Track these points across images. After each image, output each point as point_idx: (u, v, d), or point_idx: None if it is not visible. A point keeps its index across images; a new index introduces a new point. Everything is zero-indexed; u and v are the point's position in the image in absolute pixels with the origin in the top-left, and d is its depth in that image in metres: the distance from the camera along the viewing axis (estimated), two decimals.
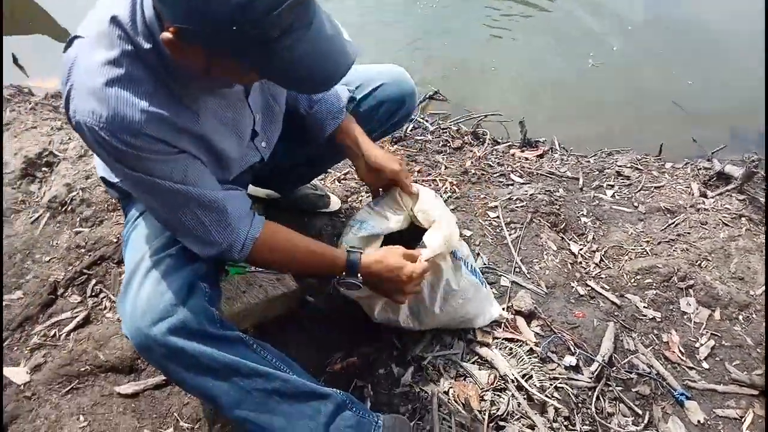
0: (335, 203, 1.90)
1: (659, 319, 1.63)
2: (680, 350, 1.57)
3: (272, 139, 1.29)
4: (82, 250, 1.69)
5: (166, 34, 0.78)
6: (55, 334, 1.51)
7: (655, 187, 2.20)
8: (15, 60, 3.23)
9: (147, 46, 0.86)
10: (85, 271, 1.63)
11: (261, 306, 1.44)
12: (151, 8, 0.84)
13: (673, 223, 1.97)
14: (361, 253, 1.20)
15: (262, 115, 1.20)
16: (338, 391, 1.17)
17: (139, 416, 1.37)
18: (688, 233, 1.91)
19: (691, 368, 1.54)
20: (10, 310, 1.57)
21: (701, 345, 1.59)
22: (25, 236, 1.76)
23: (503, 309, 1.57)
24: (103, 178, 1.28)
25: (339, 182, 2.10)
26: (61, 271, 1.64)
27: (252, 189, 1.86)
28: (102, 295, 1.61)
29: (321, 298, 1.60)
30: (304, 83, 0.87)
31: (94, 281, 1.62)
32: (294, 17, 0.76)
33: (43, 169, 1.94)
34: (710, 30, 3.82)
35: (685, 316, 1.65)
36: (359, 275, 1.18)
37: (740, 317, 1.66)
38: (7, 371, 1.44)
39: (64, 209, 1.80)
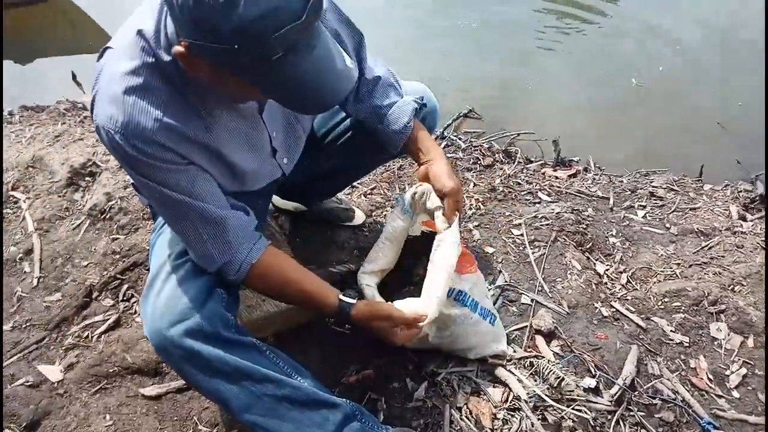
0: (359, 217, 1.93)
1: (687, 344, 1.57)
2: (709, 377, 1.51)
3: (294, 156, 1.33)
4: (117, 256, 1.77)
5: (178, 48, 0.84)
6: (88, 336, 1.59)
7: (691, 209, 2.14)
8: (74, 77, 3.44)
9: (167, 58, 0.92)
10: (118, 276, 1.71)
11: (281, 315, 1.48)
12: (172, 23, 0.90)
13: (706, 245, 1.91)
14: (353, 304, 1.20)
15: (283, 133, 1.25)
16: (348, 401, 1.18)
17: (161, 418, 1.42)
18: (722, 257, 1.85)
19: (720, 396, 1.48)
20: (49, 311, 1.66)
21: (732, 373, 1.53)
22: (67, 242, 1.86)
23: (524, 327, 1.56)
24: (133, 184, 1.36)
25: (365, 197, 2.13)
26: (97, 276, 1.72)
27: (280, 201, 1.92)
28: (133, 300, 1.68)
29: None
30: (302, 104, 0.91)
31: (126, 286, 1.70)
32: (295, 39, 0.80)
33: (87, 178, 2.06)
34: (762, 50, 3.70)
35: (716, 342, 1.59)
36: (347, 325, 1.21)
37: None
38: (43, 369, 1.52)
39: (103, 217, 1.90)
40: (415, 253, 1.49)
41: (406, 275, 1.51)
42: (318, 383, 1.20)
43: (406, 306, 1.25)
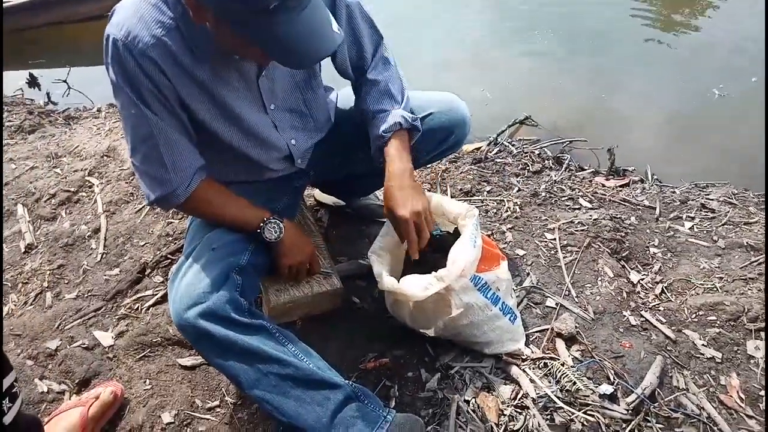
0: None
1: (719, 360, 1.51)
2: (740, 396, 1.45)
3: (303, 141, 1.43)
4: (170, 238, 1.94)
5: None
6: (138, 308, 1.75)
7: (745, 223, 2.03)
8: None
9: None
10: (169, 256, 1.87)
11: (306, 300, 1.56)
12: None
13: (756, 261, 1.81)
14: (282, 222, 1.34)
15: (289, 114, 1.35)
16: (351, 383, 1.24)
17: (193, 387, 1.54)
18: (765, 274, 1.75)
19: (750, 417, 1.41)
20: (108, 284, 1.83)
21: None
22: (129, 223, 2.05)
23: (546, 329, 1.56)
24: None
25: None
26: (151, 255, 1.89)
27: (320, 195, 2.02)
28: None
29: (367, 300, 1.70)
30: (290, 57, 1.01)
31: (175, 265, 1.85)
32: None
33: None
34: None
35: (752, 361, 1.51)
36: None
37: None
38: (97, 334, 1.68)
39: None
40: (435, 250, 1.53)
41: (422, 270, 1.55)
42: (327, 366, 1.26)
43: (412, 281, 1.30)
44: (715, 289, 1.71)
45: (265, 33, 0.95)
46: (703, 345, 1.54)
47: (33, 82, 3.87)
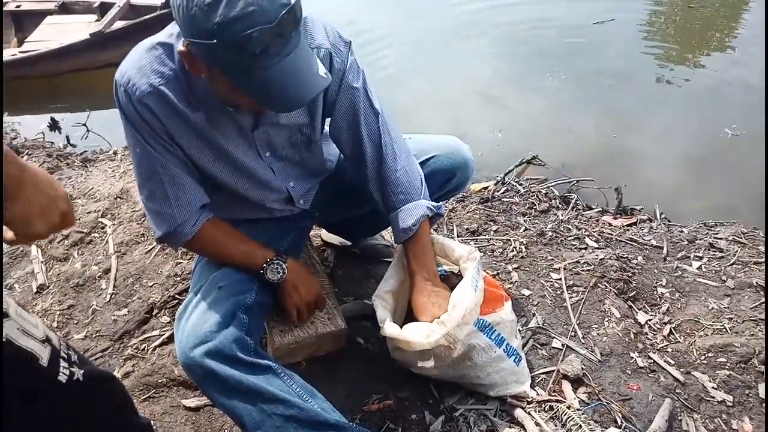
0: None
1: (730, 403, 1.48)
2: None
3: (302, 184, 1.47)
4: (178, 278, 1.96)
5: (181, 48, 1.03)
6: (145, 348, 1.76)
7: (755, 263, 2.01)
8: None
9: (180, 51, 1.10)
10: (176, 296, 1.89)
11: (311, 341, 1.56)
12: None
13: (766, 301, 1.79)
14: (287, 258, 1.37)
15: (285, 162, 1.39)
16: (356, 425, 1.24)
17: (197, 428, 1.53)
18: None
19: None
20: (116, 324, 1.85)
21: None
22: (139, 263, 2.08)
23: (552, 371, 1.54)
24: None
25: None
26: (159, 295, 1.91)
27: (326, 235, 2.04)
28: None
29: (371, 340, 1.69)
30: (275, 102, 1.06)
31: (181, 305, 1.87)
32: (268, 42, 0.95)
33: None
34: None
35: (764, 404, 1.48)
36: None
37: None
38: None
39: None
40: None
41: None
42: (331, 407, 1.26)
43: (414, 329, 1.30)
44: (724, 330, 1.68)
45: (250, 78, 1.00)
46: (713, 388, 1.51)
47: (54, 126, 4.01)
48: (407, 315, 1.52)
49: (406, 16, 5.59)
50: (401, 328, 1.37)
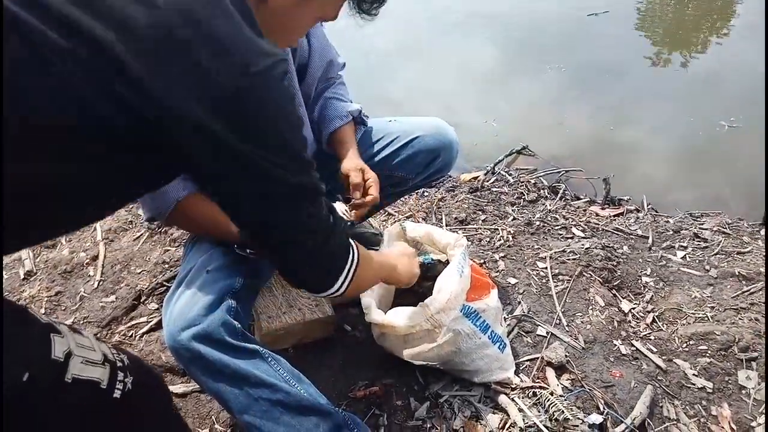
0: None
1: (710, 390, 1.51)
2: (731, 426, 1.44)
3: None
4: (166, 266, 1.96)
5: None
6: (132, 335, 1.76)
7: (738, 253, 2.04)
8: None
9: None
10: (164, 283, 1.89)
11: (298, 327, 1.58)
12: None
13: (747, 290, 1.81)
14: None
15: None
16: (342, 411, 1.25)
17: (184, 414, 1.54)
18: (764, 303, 1.75)
19: None
20: (104, 311, 1.85)
21: (759, 424, 1.44)
22: (127, 250, 2.08)
23: (536, 358, 1.56)
24: None
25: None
26: (147, 282, 1.91)
27: None
28: None
29: (358, 327, 1.70)
30: None
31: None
32: None
33: None
34: None
35: (743, 391, 1.51)
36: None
37: None
38: None
39: (159, 231, 2.11)
40: (426, 278, 1.55)
41: (413, 298, 1.57)
42: (318, 392, 1.27)
43: (398, 314, 1.31)
44: (706, 318, 1.71)
45: None
46: (694, 375, 1.54)
47: None
48: (393, 303, 1.54)
49: (400, 4, 5.57)
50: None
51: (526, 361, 1.57)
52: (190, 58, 0.63)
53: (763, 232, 2.29)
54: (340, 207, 1.40)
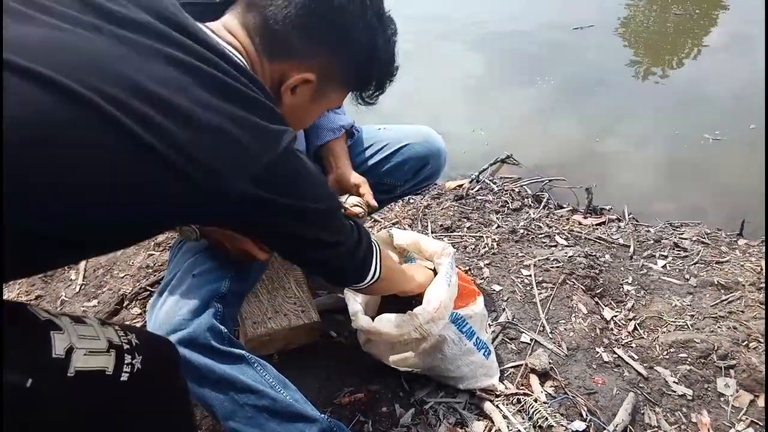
0: None
1: (690, 397, 1.53)
2: None
3: None
4: (150, 270, 1.94)
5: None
6: None
7: (716, 262, 2.08)
8: None
9: None
10: (148, 288, 1.87)
11: (284, 333, 1.57)
12: None
13: (726, 299, 1.85)
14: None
15: None
16: (327, 417, 1.25)
17: None
18: (742, 311, 1.79)
19: None
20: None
21: (738, 431, 1.47)
22: (111, 255, 2.05)
23: (520, 365, 1.58)
24: None
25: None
26: (130, 286, 1.89)
27: None
28: None
29: (344, 334, 1.71)
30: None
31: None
32: None
33: None
34: None
35: (722, 398, 1.54)
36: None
37: None
38: None
39: None
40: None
41: (400, 305, 1.57)
42: (304, 398, 1.27)
43: (386, 321, 1.32)
44: (686, 326, 1.74)
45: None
46: (674, 382, 1.56)
47: None
48: (379, 309, 1.54)
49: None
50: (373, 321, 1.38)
51: (511, 367, 1.59)
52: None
53: (741, 242, 2.34)
54: (353, 200, 1.42)
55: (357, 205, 1.41)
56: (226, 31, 0.88)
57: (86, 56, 0.66)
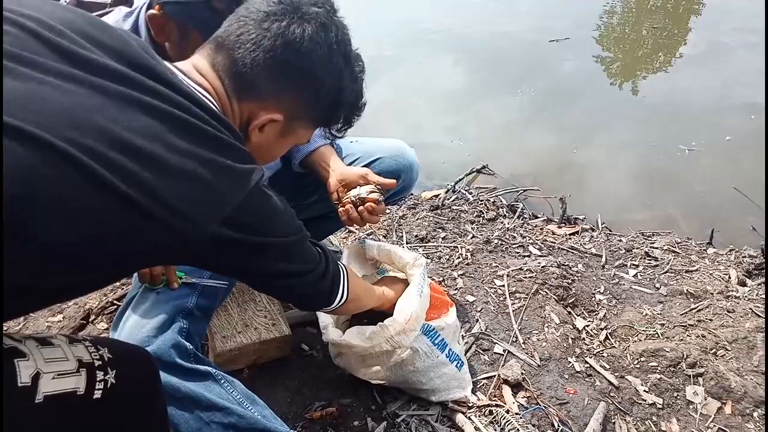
0: None
1: (660, 406, 1.54)
2: None
3: None
4: (118, 284, 1.90)
5: (153, 11, 1.15)
6: None
7: (686, 271, 2.12)
8: None
9: None
10: (114, 302, 1.83)
11: (254, 347, 1.54)
12: None
13: (695, 308, 1.88)
14: None
15: None
16: None
17: None
18: (710, 320, 1.82)
19: None
20: (50, 331, 1.78)
21: None
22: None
23: (493, 376, 1.57)
24: None
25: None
26: (96, 301, 1.85)
27: None
28: None
29: (316, 347, 1.68)
30: None
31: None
32: None
33: None
34: None
35: (691, 406, 1.55)
36: None
37: (755, 414, 1.53)
38: None
39: None
40: None
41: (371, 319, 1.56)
42: (273, 414, 1.24)
43: (356, 333, 1.30)
44: (656, 335, 1.76)
45: None
46: (644, 391, 1.58)
47: None
48: (351, 322, 1.53)
49: (368, 26, 5.65)
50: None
51: (483, 379, 1.58)
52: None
53: (710, 250, 2.39)
54: (368, 188, 1.41)
55: (374, 192, 1.41)
56: (197, 72, 0.89)
57: (67, 109, 0.67)
